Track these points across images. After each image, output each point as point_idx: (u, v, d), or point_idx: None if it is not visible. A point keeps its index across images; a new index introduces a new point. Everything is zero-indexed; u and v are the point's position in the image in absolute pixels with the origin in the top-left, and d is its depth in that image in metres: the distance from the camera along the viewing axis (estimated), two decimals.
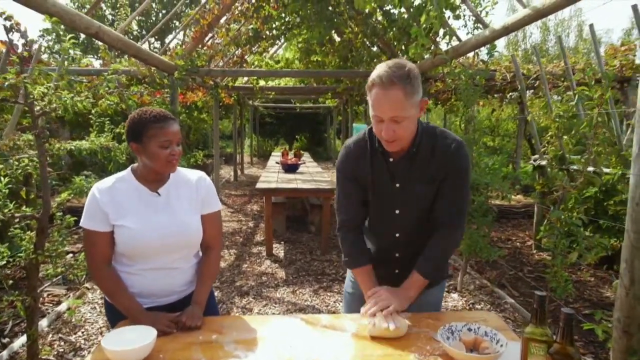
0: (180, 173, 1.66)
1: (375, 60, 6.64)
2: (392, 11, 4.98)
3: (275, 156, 9.46)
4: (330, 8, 5.18)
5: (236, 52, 7.14)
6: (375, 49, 6.58)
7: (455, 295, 3.81)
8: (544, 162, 4.60)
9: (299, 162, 6.70)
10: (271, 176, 5.93)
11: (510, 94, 7.51)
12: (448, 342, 1.32)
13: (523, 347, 1.14)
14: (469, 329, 1.40)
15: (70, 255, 4.24)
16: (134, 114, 1.53)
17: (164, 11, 20.15)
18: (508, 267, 4.51)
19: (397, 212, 1.58)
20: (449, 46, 4.06)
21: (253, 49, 7.36)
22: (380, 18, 5.21)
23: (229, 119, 19.37)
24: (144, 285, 1.58)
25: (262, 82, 8.30)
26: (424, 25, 3.65)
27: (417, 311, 1.61)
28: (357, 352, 1.35)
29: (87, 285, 3.85)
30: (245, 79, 9.41)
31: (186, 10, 15.46)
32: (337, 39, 7.23)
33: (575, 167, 4.17)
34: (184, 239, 1.59)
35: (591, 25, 3.32)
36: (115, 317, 1.56)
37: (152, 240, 1.52)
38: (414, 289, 1.54)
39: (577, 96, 3.73)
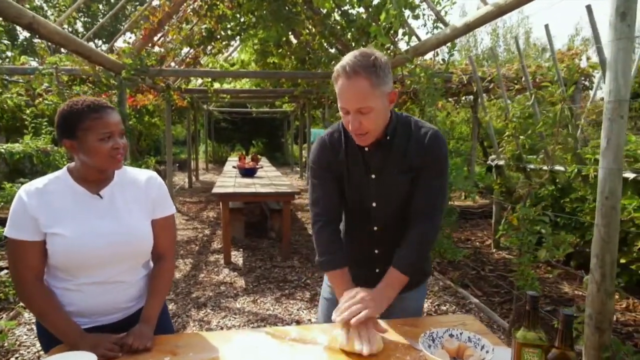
0: (128, 172, 1.46)
1: (333, 62, 6.58)
2: (350, 11, 4.92)
3: (232, 161, 9.18)
4: (287, 8, 5.05)
5: (189, 54, 6.87)
6: (333, 50, 6.52)
7: None
8: (501, 162, 4.68)
9: (257, 166, 6.50)
10: (228, 181, 5.70)
11: (465, 97, 7.68)
12: (430, 351, 1.21)
13: (515, 353, 1.04)
14: (451, 335, 1.30)
15: (5, 272, 3.83)
16: (63, 107, 1.31)
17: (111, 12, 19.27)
18: (469, 267, 4.52)
19: (373, 204, 1.49)
20: (408, 46, 4.04)
21: (207, 50, 7.12)
22: (338, 18, 5.13)
23: (182, 124, 18.78)
24: (84, 302, 1.36)
25: (217, 85, 8.02)
26: (384, 24, 3.60)
27: (398, 318, 1.50)
28: None
29: (22, 304, 3.47)
30: (199, 81, 9.10)
31: (135, 12, 14.86)
32: (294, 40, 7.12)
33: (532, 166, 4.25)
34: (132, 247, 1.39)
35: (546, 26, 3.39)
36: (49, 341, 1.33)
37: (92, 249, 1.31)
38: (392, 288, 1.41)
39: (533, 96, 3.80)
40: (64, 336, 1.28)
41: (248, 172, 6.20)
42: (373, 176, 1.46)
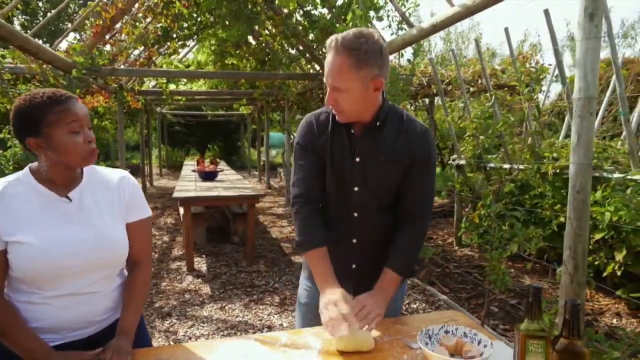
0: (97, 172, 1.33)
1: (293, 63, 6.54)
2: (312, 12, 4.89)
3: (189, 165, 8.89)
4: (249, 7, 4.95)
5: (142, 53, 6.58)
6: (293, 51, 6.47)
7: None
8: (462, 162, 4.81)
9: (218, 170, 6.32)
10: (188, 185, 5.50)
11: (423, 99, 7.86)
12: (428, 348, 1.18)
13: (520, 346, 1.03)
14: (447, 332, 1.28)
15: None
16: (20, 102, 1.17)
17: (53, 10, 18.21)
18: (435, 265, 4.61)
19: (355, 189, 1.44)
20: None
21: (161, 50, 6.86)
22: (300, 19, 5.09)
23: (133, 127, 17.99)
24: (53, 317, 1.22)
25: (172, 86, 7.74)
26: (351, 24, 3.60)
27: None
28: None
29: None
30: (152, 83, 8.75)
31: (78, 10, 14.11)
32: (253, 42, 7.00)
33: (491, 164, 4.40)
34: (105, 255, 1.26)
35: (506, 29, 3.51)
36: None
37: (62, 258, 1.18)
38: (392, 288, 1.40)
39: (493, 97, 3.93)
40: (28, 355, 1.14)
41: (209, 176, 6.01)
42: (357, 159, 1.42)
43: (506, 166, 4.02)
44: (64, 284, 1.21)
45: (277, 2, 4.03)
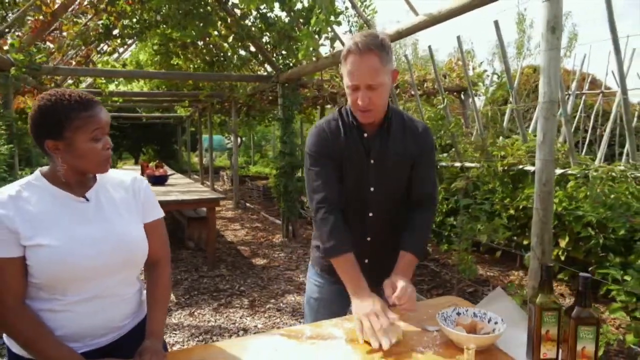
0: (109, 173, 1.30)
1: (245, 65, 6.49)
2: (268, 14, 4.91)
3: (128, 170, 8.47)
4: (202, 7, 4.86)
5: (79, 51, 6.19)
6: (243, 52, 6.43)
7: None
8: None
9: (168, 174, 6.12)
10: None
11: None
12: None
13: (536, 317, 1.17)
14: (458, 313, 1.41)
15: None
16: (45, 102, 1.12)
17: None
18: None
19: (372, 189, 1.53)
20: (332, 51, 4.18)
21: (100, 48, 6.49)
22: (257, 21, 5.08)
23: None
24: (74, 324, 1.18)
25: (111, 87, 7.36)
26: (315, 28, 3.68)
27: None
28: (364, 357, 1.22)
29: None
30: (89, 81, 8.22)
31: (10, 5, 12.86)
32: (200, 43, 6.85)
33: (443, 163, 4.69)
34: (126, 255, 1.24)
35: (458, 37, 3.78)
36: None
37: (85, 258, 1.14)
38: (411, 270, 1.50)
39: (445, 100, 4.21)
40: None
41: (159, 180, 5.80)
42: (372, 161, 1.50)
43: (457, 164, 4.32)
44: (86, 287, 1.18)
45: (238, 2, 4.01)
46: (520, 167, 3.62)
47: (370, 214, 1.55)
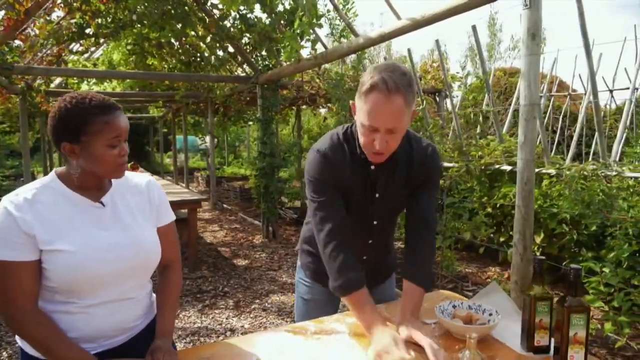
0: (125, 176, 1.31)
1: (223, 66, 6.45)
2: (248, 15, 4.91)
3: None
4: (186, 8, 4.81)
5: (51, 50, 6.01)
6: (221, 53, 6.39)
7: None
8: None
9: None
10: None
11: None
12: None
13: (530, 307, 1.25)
14: (454, 306, 1.48)
15: None
16: (65, 104, 1.12)
17: None
18: None
19: (375, 222, 1.49)
20: (314, 53, 4.23)
21: (73, 47, 6.32)
22: (236, 22, 5.07)
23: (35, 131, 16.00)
24: (89, 326, 1.18)
25: (84, 87, 7.17)
26: (298, 30, 3.73)
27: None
28: (367, 348, 1.27)
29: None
30: (58, 81, 7.97)
31: None
32: (176, 43, 6.77)
33: None
34: (142, 260, 1.25)
35: (437, 41, 3.89)
36: None
37: (102, 265, 1.16)
38: (420, 304, 1.42)
39: (424, 101, 4.33)
40: None
41: None
42: (377, 195, 1.43)
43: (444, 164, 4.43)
44: (102, 291, 1.19)
45: (220, 3, 4.00)
46: (497, 166, 3.76)
47: (370, 241, 1.54)
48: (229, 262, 5.00)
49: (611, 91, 5.77)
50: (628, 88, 5.33)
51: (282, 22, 4.32)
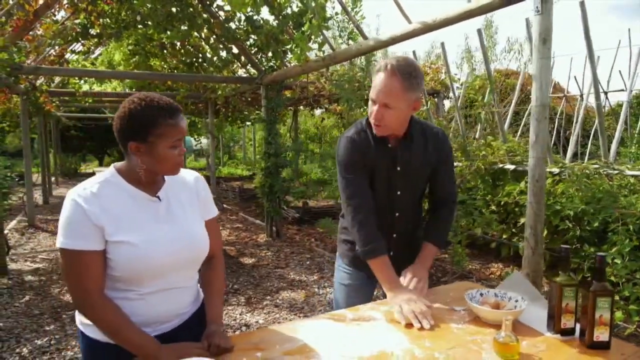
0: None
1: (227, 67, 6.51)
2: (254, 17, 4.98)
3: (102, 171, 8.24)
4: (191, 9, 4.88)
5: (52, 50, 6.03)
6: (224, 54, 6.45)
7: None
8: None
9: None
10: None
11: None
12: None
13: (557, 293, 1.36)
14: (481, 294, 1.58)
15: None
16: (135, 104, 1.19)
17: None
18: None
19: (398, 193, 1.71)
20: (321, 54, 4.32)
21: (75, 47, 6.34)
22: (241, 23, 5.14)
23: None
24: (147, 311, 1.28)
25: (85, 87, 7.18)
26: (308, 32, 3.81)
27: None
28: (407, 335, 1.37)
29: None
30: (57, 80, 7.97)
31: None
32: (178, 44, 6.81)
33: None
34: (195, 252, 1.35)
35: (442, 44, 4.00)
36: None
37: (160, 257, 1.24)
38: (431, 259, 1.71)
39: (429, 102, 4.44)
40: (140, 350, 1.19)
41: None
42: (399, 168, 1.67)
43: None
44: (158, 281, 1.27)
45: (228, 4, 4.07)
46: (501, 165, 3.88)
47: (397, 214, 1.74)
48: (235, 260, 5.07)
49: (606, 93, 5.94)
50: (622, 90, 5.50)
51: (290, 24, 4.40)
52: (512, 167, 3.86)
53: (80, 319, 1.32)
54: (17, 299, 3.87)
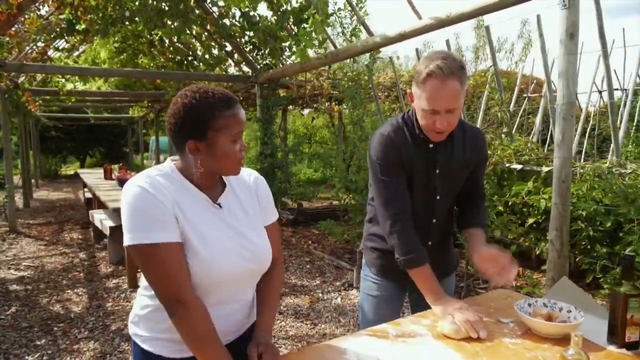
0: None
1: (220, 65, 6.34)
2: (251, 13, 4.83)
3: (87, 173, 7.96)
4: (182, 6, 4.69)
5: (36, 47, 5.76)
6: (216, 52, 6.27)
7: (354, 292, 3.93)
8: None
9: None
10: (113, 194, 5.00)
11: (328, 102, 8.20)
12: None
13: (621, 304, 1.26)
14: (529, 304, 1.47)
15: None
16: (188, 98, 1.05)
17: None
18: None
19: (438, 197, 1.58)
20: (323, 51, 4.19)
21: (59, 44, 6.08)
22: (239, 19, 4.97)
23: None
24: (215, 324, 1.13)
25: (69, 85, 6.90)
26: (311, 29, 3.68)
27: None
28: (460, 352, 1.25)
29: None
30: (39, 78, 7.65)
31: None
32: (166, 41, 6.60)
33: None
34: (259, 265, 1.22)
35: (447, 41, 3.91)
36: None
37: (225, 268, 1.12)
38: (485, 239, 1.58)
39: None
40: None
41: None
42: (437, 171, 1.54)
43: None
44: (223, 291, 1.15)
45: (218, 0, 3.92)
46: (508, 165, 3.81)
47: (434, 220, 1.61)
48: None
49: (600, 92, 5.96)
50: (617, 89, 5.52)
51: (290, 20, 4.26)
52: (519, 166, 3.79)
53: (134, 330, 1.19)
54: (2, 310, 3.63)
